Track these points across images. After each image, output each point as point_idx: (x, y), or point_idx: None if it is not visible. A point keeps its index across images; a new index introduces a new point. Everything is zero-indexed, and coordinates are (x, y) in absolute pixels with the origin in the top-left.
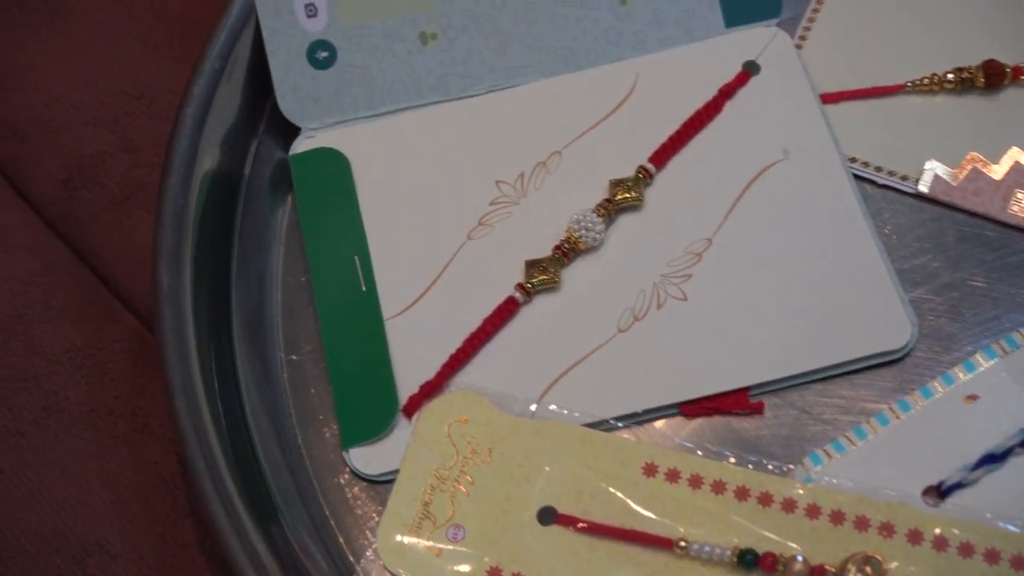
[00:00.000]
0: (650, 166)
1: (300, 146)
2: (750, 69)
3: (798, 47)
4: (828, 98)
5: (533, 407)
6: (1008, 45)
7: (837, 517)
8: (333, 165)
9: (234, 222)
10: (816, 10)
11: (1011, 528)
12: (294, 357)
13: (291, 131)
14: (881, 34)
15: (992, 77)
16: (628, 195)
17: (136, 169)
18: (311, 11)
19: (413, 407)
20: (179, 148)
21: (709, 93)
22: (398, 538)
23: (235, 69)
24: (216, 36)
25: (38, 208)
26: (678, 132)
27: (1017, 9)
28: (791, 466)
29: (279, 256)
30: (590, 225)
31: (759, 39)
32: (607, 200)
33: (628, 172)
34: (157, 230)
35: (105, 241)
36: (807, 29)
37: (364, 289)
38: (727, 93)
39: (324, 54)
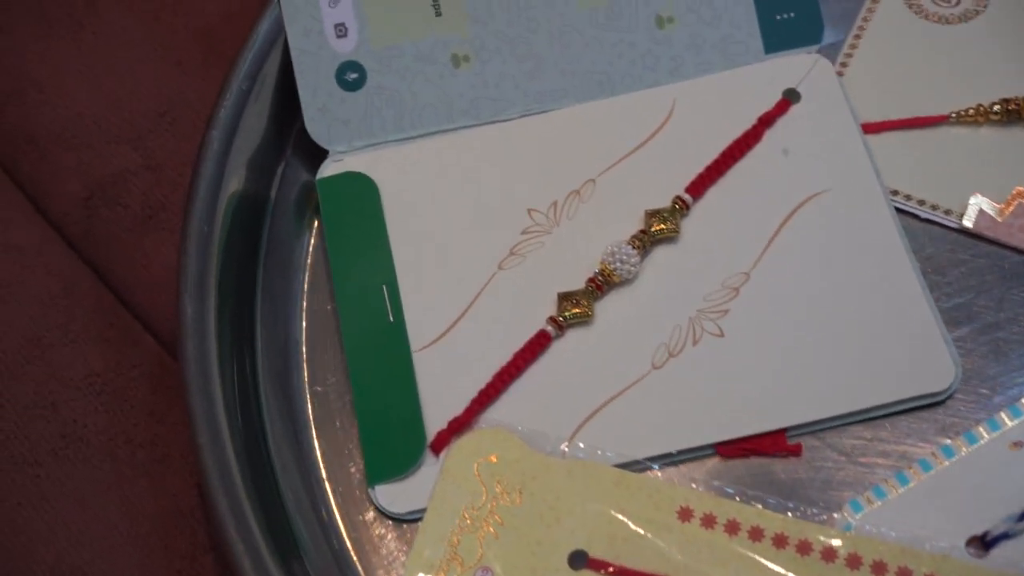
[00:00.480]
0: (687, 196)
1: (327, 170)
2: (790, 97)
3: (839, 74)
4: (870, 128)
5: (564, 446)
6: None
7: (879, 568)
8: (361, 190)
9: (259, 248)
10: (858, 36)
11: None
12: (319, 388)
13: (319, 153)
14: (925, 62)
15: None
16: (664, 226)
17: (158, 188)
18: (341, 31)
19: (441, 444)
20: (204, 172)
21: (748, 121)
22: None
23: (262, 89)
24: (243, 55)
25: (58, 226)
26: (716, 162)
27: None
28: (831, 513)
29: (304, 283)
30: (625, 257)
31: (800, 66)
32: (642, 231)
33: (664, 202)
34: (182, 258)
35: (126, 262)
36: (848, 56)
37: (392, 320)
38: (767, 122)
39: (353, 75)
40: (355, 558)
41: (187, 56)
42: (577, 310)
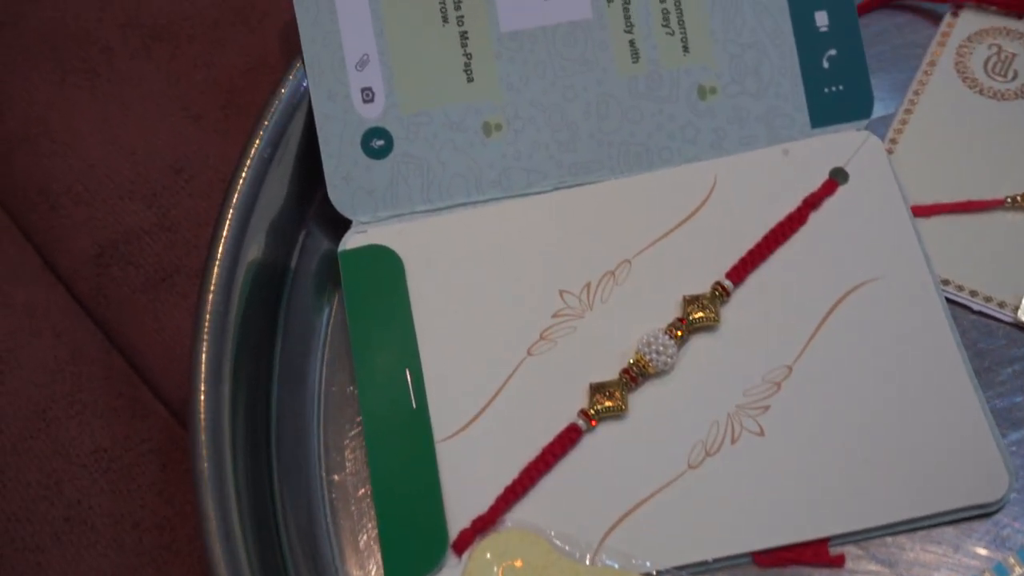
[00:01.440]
0: (727, 282)
1: (350, 241)
2: (838, 177)
3: (888, 151)
4: (920, 211)
5: (594, 553)
6: None
7: None
8: (385, 265)
9: (277, 326)
10: (908, 111)
11: None
12: (335, 477)
13: (342, 221)
14: (979, 141)
15: None
16: (703, 314)
17: (173, 250)
18: (368, 96)
19: (464, 543)
20: (222, 246)
21: (793, 202)
22: None
23: (285, 153)
24: (265, 120)
25: (67, 282)
26: (758, 245)
27: None
28: None
29: (323, 362)
30: (661, 348)
31: (848, 144)
32: (680, 319)
33: (703, 287)
34: (196, 342)
35: (137, 325)
36: (898, 132)
37: (415, 407)
38: (812, 204)
39: (380, 143)
40: None
41: (206, 110)
42: (610, 403)
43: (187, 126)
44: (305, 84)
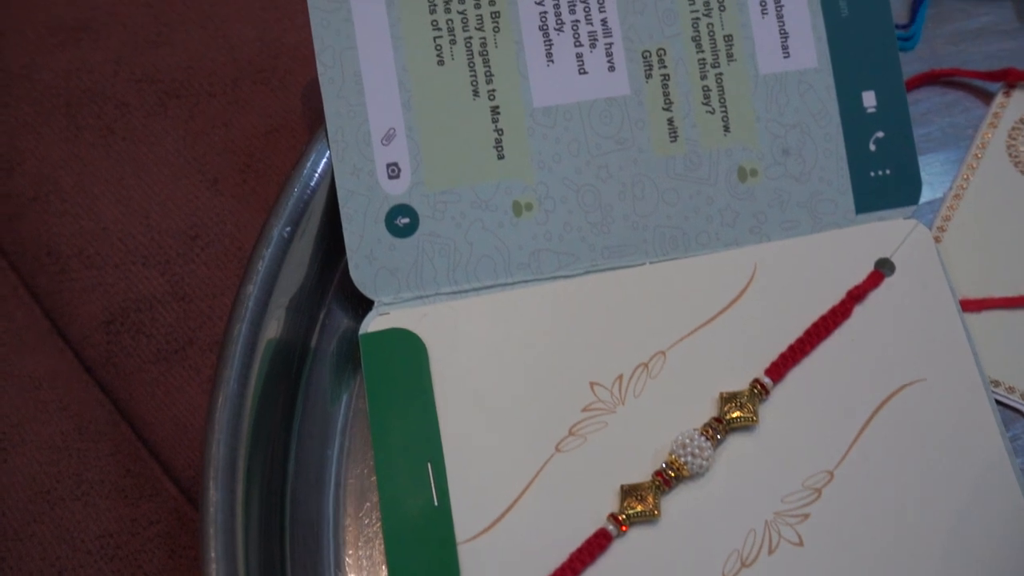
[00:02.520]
0: (767, 380)
1: (372, 324)
2: (883, 268)
3: (936, 240)
4: (970, 306)
5: None
6: None
7: None
8: (408, 350)
9: (295, 410)
10: (957, 196)
11: None
12: None
13: (363, 299)
14: None
15: None
16: (740, 413)
17: (186, 321)
18: (393, 172)
19: None
20: (235, 338)
21: (836, 294)
22: None
23: (307, 227)
24: (285, 197)
25: (76, 348)
26: (799, 340)
27: None
28: None
29: (342, 450)
30: (696, 451)
31: (895, 233)
32: (716, 419)
33: (741, 382)
34: (209, 430)
35: (147, 398)
36: (946, 219)
37: (436, 504)
38: (857, 296)
39: (405, 221)
40: None
41: (224, 173)
42: (641, 507)
43: (203, 190)
44: (328, 156)
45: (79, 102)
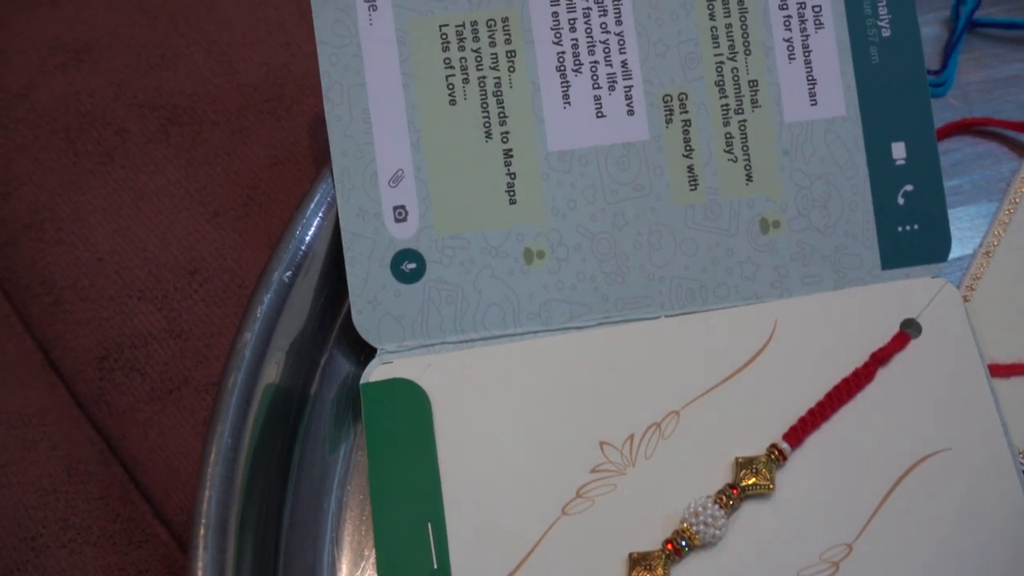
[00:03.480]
0: (784, 445)
1: (374, 373)
2: (910, 330)
3: (964, 299)
4: (999, 371)
5: None
6: None
7: None
8: (410, 402)
9: (291, 460)
10: (988, 254)
11: None
12: None
13: (367, 344)
14: None
15: None
16: (756, 480)
17: (182, 360)
18: (401, 215)
19: None
20: (230, 388)
21: (859, 355)
22: None
23: (310, 267)
24: (286, 241)
25: (68, 383)
26: (820, 404)
27: None
28: None
29: (340, 504)
30: (710, 520)
31: (922, 292)
32: (730, 486)
33: (757, 447)
34: (199, 493)
35: (139, 439)
36: (976, 278)
37: (436, 567)
38: (881, 359)
39: (411, 266)
40: None
41: (225, 206)
42: None
43: (204, 223)
44: (333, 195)
45: (78, 126)
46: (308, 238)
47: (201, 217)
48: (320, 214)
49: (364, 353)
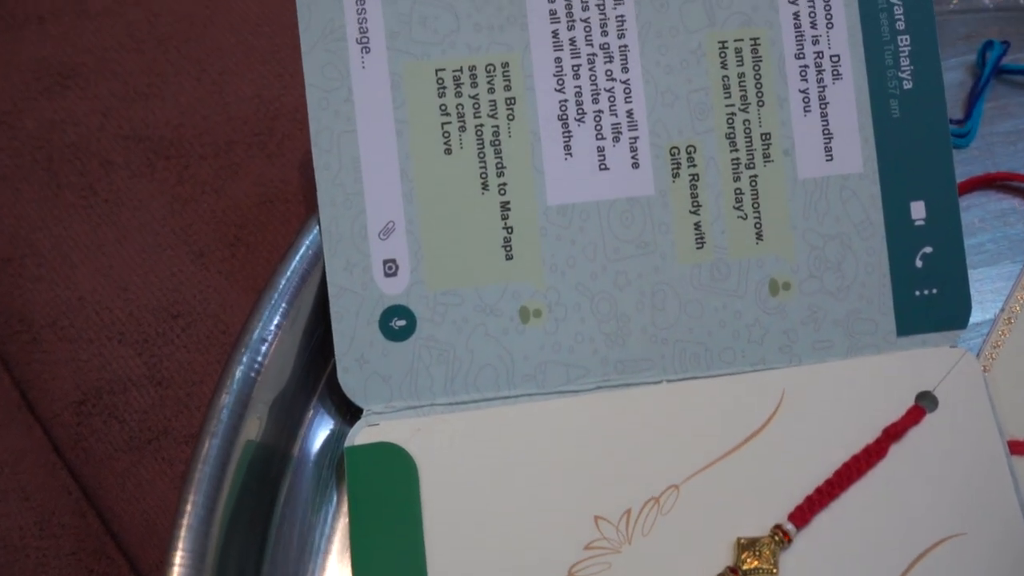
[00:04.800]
0: (789, 526)
1: (359, 436)
2: (925, 403)
3: (984, 369)
4: (1018, 448)
5: None
6: None
7: None
8: (396, 468)
9: (270, 525)
10: (1010, 321)
11: None
12: None
13: (352, 404)
14: None
15: None
16: (758, 563)
17: (162, 408)
18: (391, 269)
19: None
20: (204, 457)
21: (871, 430)
22: None
23: (297, 318)
24: (271, 292)
25: (45, 426)
26: (828, 483)
27: None
28: None
29: (319, 573)
30: None
31: (939, 362)
32: (731, 569)
33: (761, 526)
34: (170, 552)
35: (116, 489)
36: (996, 346)
37: None
38: (894, 435)
39: (401, 323)
40: None
41: (211, 246)
42: None
43: (188, 263)
44: (320, 248)
45: (61, 157)
46: (292, 290)
47: (186, 257)
48: (306, 265)
49: (351, 410)
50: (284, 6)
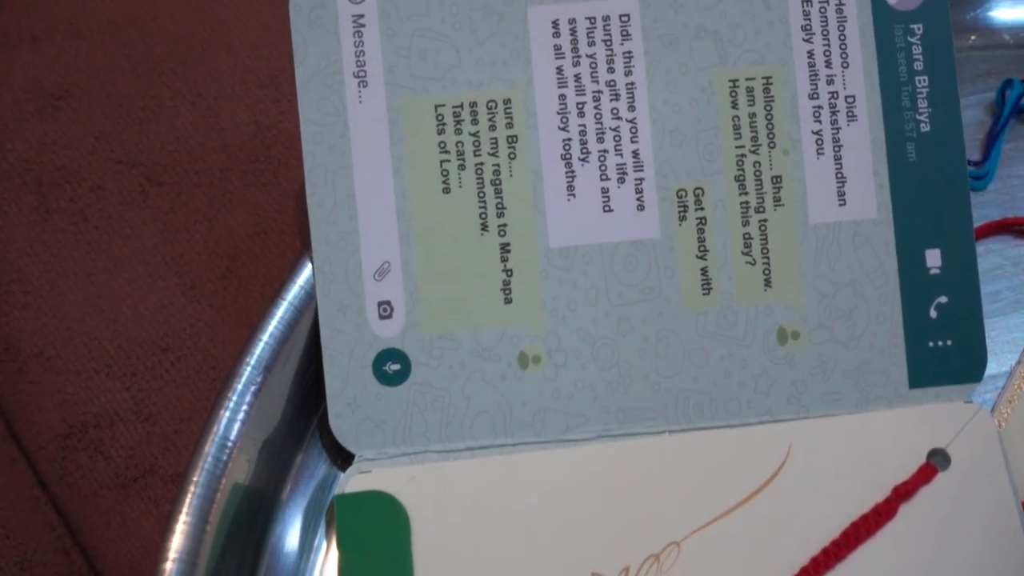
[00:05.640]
0: None
1: (350, 483)
2: (937, 461)
3: (998, 426)
4: None
5: None
6: None
7: None
8: (388, 518)
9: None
10: None
11: None
12: None
13: (344, 448)
14: None
15: None
16: None
17: (148, 445)
18: (385, 311)
19: None
20: (185, 507)
21: (881, 489)
22: None
23: (289, 358)
24: (260, 334)
25: (30, 458)
26: (835, 543)
27: None
28: None
29: None
30: None
31: (952, 418)
32: None
33: None
34: None
35: (101, 528)
36: (1011, 401)
37: None
38: (904, 494)
39: (395, 367)
40: None
41: (203, 278)
42: None
43: (179, 295)
44: (312, 288)
45: (52, 180)
46: (285, 328)
47: (177, 288)
48: (299, 303)
49: (342, 454)
50: (284, 30)
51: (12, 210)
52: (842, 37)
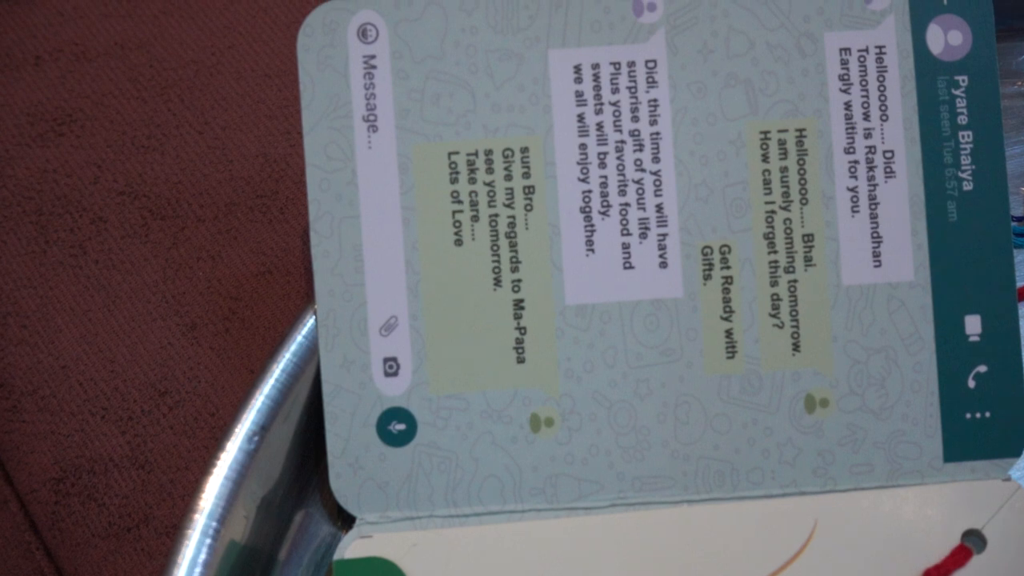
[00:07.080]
0: None
1: (350, 548)
2: (971, 543)
3: None
4: None
5: None
6: None
7: None
8: None
9: None
10: None
11: None
12: None
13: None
14: None
15: None
16: None
17: (144, 493)
18: (391, 368)
19: None
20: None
21: (911, 570)
22: None
23: (290, 413)
24: (260, 387)
25: (23, 501)
26: None
27: None
28: None
29: None
30: None
31: (989, 496)
32: None
33: None
34: None
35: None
36: None
37: None
38: None
39: (400, 427)
40: None
41: (204, 318)
42: None
43: (179, 336)
44: (315, 343)
45: (52, 210)
46: (287, 380)
47: (177, 329)
48: (303, 354)
49: (343, 515)
50: (296, 58)
51: (11, 239)
52: (881, 88)
